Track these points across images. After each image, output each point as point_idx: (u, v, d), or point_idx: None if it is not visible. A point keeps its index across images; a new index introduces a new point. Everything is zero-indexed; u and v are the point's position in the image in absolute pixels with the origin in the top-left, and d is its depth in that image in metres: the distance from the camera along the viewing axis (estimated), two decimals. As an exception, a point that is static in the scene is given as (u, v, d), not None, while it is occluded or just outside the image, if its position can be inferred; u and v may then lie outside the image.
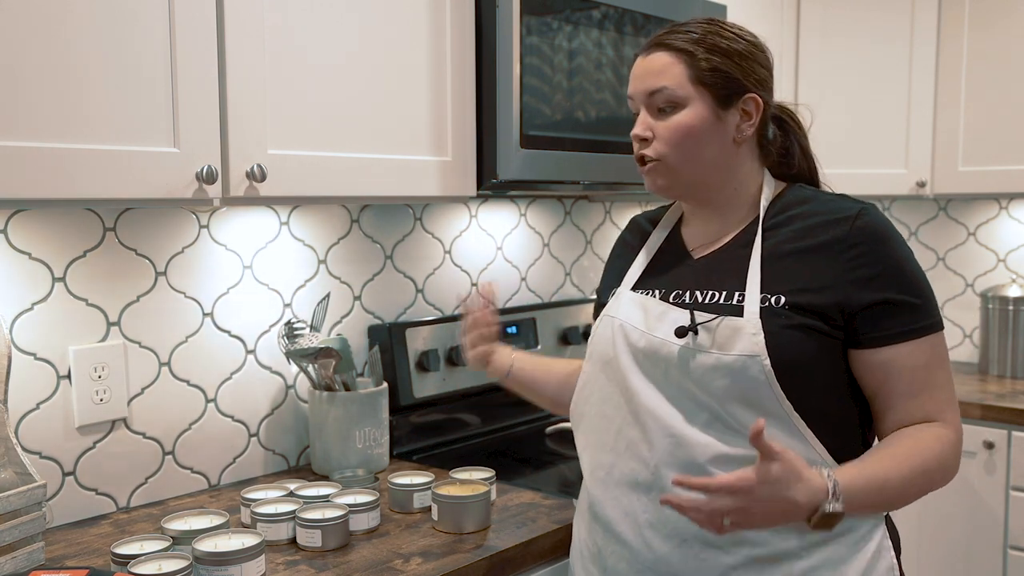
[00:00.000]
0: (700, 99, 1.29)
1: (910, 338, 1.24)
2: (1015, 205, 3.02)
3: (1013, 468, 2.50)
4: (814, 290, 1.24)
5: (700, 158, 1.31)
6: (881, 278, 1.23)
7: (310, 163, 1.55)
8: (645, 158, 1.33)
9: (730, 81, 1.29)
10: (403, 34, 1.68)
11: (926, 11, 2.78)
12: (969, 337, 3.12)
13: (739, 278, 1.28)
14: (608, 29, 1.93)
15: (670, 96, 1.29)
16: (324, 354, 1.82)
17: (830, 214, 1.28)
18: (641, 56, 1.34)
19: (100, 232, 1.66)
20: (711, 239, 1.37)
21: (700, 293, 1.31)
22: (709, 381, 1.23)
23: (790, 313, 1.23)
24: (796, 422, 1.23)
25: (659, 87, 1.30)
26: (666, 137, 1.30)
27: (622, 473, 1.31)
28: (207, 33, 1.41)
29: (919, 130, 2.81)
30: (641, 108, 1.33)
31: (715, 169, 1.32)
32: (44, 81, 1.24)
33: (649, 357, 1.30)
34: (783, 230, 1.30)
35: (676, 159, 1.31)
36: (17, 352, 1.56)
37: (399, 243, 2.14)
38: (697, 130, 1.29)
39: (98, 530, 1.59)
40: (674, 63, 1.29)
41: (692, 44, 1.29)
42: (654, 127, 1.31)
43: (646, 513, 1.28)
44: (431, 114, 1.74)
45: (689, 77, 1.29)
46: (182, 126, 1.38)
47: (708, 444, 1.23)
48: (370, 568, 1.41)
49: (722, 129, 1.30)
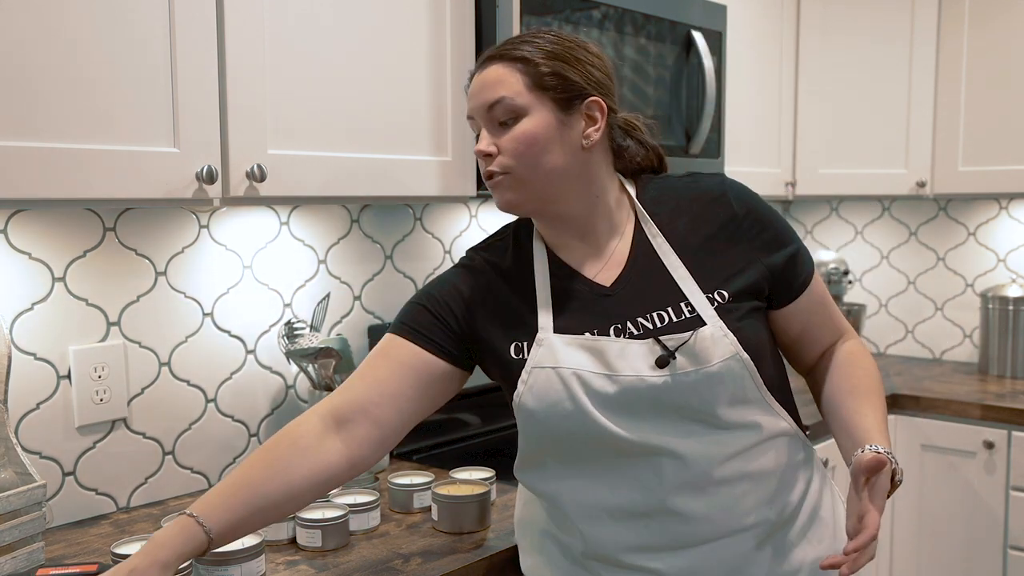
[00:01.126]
0: (541, 105, 1.23)
1: (811, 278, 1.35)
2: (1015, 205, 3.02)
3: (1013, 468, 2.50)
4: (740, 272, 1.27)
5: (549, 166, 1.23)
6: (776, 236, 1.30)
7: (310, 163, 1.55)
8: (493, 174, 1.25)
9: (569, 84, 1.24)
10: (403, 34, 1.68)
11: (926, 10, 2.78)
12: (969, 337, 3.12)
13: (672, 290, 1.26)
14: (608, 29, 1.93)
15: (509, 106, 1.22)
16: (324, 354, 1.82)
17: (704, 197, 1.30)
18: (476, 73, 1.27)
19: (100, 232, 1.66)
20: (598, 257, 1.30)
21: (644, 319, 1.25)
22: (699, 395, 1.23)
23: (736, 304, 1.26)
24: (769, 400, 1.28)
25: (497, 98, 1.23)
26: (511, 148, 1.23)
27: (619, 507, 1.26)
28: (207, 33, 1.41)
29: (919, 130, 2.81)
30: (481, 126, 1.27)
31: (567, 179, 1.25)
32: (44, 81, 1.24)
33: (623, 398, 1.22)
34: (674, 226, 1.29)
35: (524, 170, 1.23)
36: (17, 352, 1.56)
37: (399, 243, 2.14)
38: (542, 137, 1.22)
39: (98, 530, 1.59)
40: (510, 72, 1.23)
41: (527, 51, 1.24)
42: (498, 142, 1.24)
43: (655, 537, 1.26)
44: (431, 114, 1.74)
45: (526, 84, 1.22)
46: (182, 126, 1.38)
47: (710, 453, 1.24)
48: (370, 568, 1.41)
49: (568, 136, 1.24)
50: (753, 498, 1.26)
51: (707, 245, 1.28)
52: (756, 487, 1.27)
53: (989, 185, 2.73)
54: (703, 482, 1.24)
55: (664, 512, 1.25)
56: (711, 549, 1.26)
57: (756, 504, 1.27)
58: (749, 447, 1.26)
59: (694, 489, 1.24)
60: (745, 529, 1.26)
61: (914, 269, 3.19)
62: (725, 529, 1.25)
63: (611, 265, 1.30)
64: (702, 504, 1.24)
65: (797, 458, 1.33)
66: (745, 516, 1.26)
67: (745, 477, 1.26)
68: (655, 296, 1.26)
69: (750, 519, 1.26)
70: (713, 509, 1.25)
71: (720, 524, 1.25)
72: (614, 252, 1.30)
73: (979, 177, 2.74)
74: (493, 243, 1.39)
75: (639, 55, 2.00)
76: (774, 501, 1.29)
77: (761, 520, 1.27)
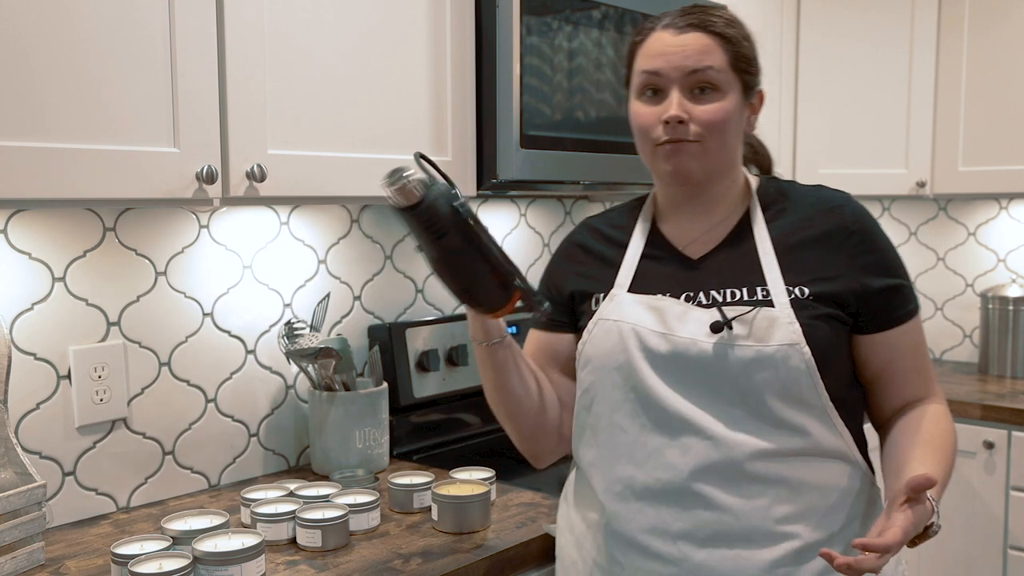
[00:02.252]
0: (734, 85, 1.27)
1: (909, 318, 1.30)
2: (1015, 205, 3.02)
3: (1013, 468, 2.50)
4: (830, 279, 1.25)
5: (729, 145, 1.29)
6: (883, 264, 1.28)
7: (310, 163, 1.55)
8: (679, 140, 1.26)
9: (754, 71, 1.30)
10: (403, 34, 1.68)
11: (926, 10, 2.78)
12: (969, 337, 3.12)
13: (755, 273, 1.27)
14: (608, 29, 1.93)
15: (713, 78, 1.25)
16: (324, 354, 1.82)
17: (819, 204, 1.31)
18: (672, 32, 1.27)
19: (100, 232, 1.66)
20: (698, 236, 1.34)
21: (716, 292, 1.27)
22: (749, 375, 1.21)
23: (815, 303, 1.24)
24: (831, 412, 1.24)
25: (705, 66, 1.25)
26: (706, 120, 1.25)
27: (645, 485, 1.25)
28: (207, 33, 1.41)
29: (919, 130, 2.81)
30: (673, 88, 1.26)
31: (730, 160, 1.31)
32: (44, 81, 1.24)
33: (674, 360, 1.24)
34: (780, 221, 1.30)
35: (713, 144, 1.26)
36: (17, 352, 1.56)
37: (399, 243, 2.14)
38: (733, 116, 1.27)
39: (98, 530, 1.59)
40: (716, 45, 1.26)
41: (729, 29, 1.27)
42: (690, 109, 1.25)
43: (678, 523, 1.23)
44: (431, 114, 1.74)
45: (728, 62, 1.26)
46: (182, 126, 1.38)
47: (745, 442, 1.21)
48: (370, 568, 1.41)
49: (740, 119, 1.30)
50: (789, 508, 1.22)
51: (806, 245, 1.28)
52: (794, 497, 1.22)
53: (989, 185, 2.73)
54: (731, 472, 1.21)
55: (687, 495, 1.22)
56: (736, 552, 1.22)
57: (793, 516, 1.22)
58: (793, 452, 1.22)
59: (720, 477, 1.21)
60: (775, 538, 1.22)
61: (914, 269, 3.19)
62: (752, 530, 1.21)
63: (706, 241, 1.33)
64: (728, 495, 1.21)
65: (853, 486, 1.27)
66: (777, 524, 1.21)
67: (782, 482, 1.22)
68: (735, 275, 1.28)
69: (782, 528, 1.21)
70: (739, 504, 1.21)
71: (746, 522, 1.21)
72: (714, 231, 1.33)
73: (979, 177, 2.74)
74: (609, 211, 1.47)
75: (639, 55, 2.00)
76: (817, 521, 1.23)
77: (795, 535, 1.22)
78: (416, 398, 2.07)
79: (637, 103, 1.31)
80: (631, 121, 1.33)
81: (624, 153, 1.98)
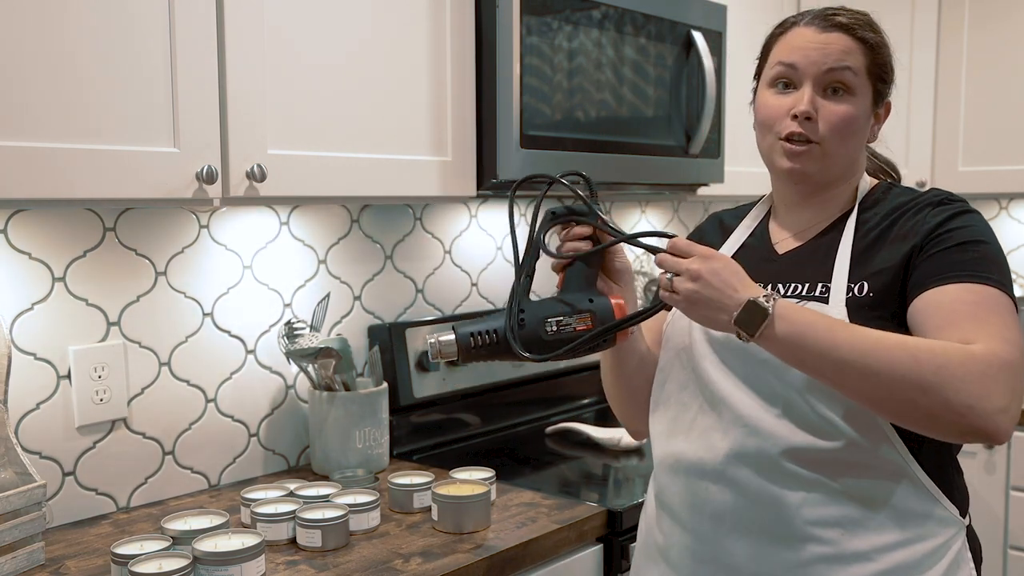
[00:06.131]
0: (866, 92, 1.28)
1: (955, 281, 1.15)
2: (1015, 205, 3.02)
3: (1013, 468, 2.50)
4: (891, 268, 1.20)
5: (850, 150, 1.28)
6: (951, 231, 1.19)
7: (310, 163, 1.55)
8: (803, 139, 1.25)
9: (887, 81, 1.31)
10: (403, 34, 1.68)
11: (926, 10, 2.78)
12: (969, 337, 3.12)
13: (823, 270, 1.26)
14: (608, 29, 1.93)
15: (849, 80, 1.25)
16: (324, 354, 1.82)
17: (912, 203, 1.26)
18: (815, 29, 1.27)
19: (100, 232, 1.66)
20: (796, 230, 1.34)
21: (782, 286, 1.28)
22: (788, 368, 1.18)
23: (872, 305, 1.19)
24: (878, 418, 1.16)
25: (844, 66, 1.25)
26: (831, 121, 1.25)
27: (691, 461, 1.28)
28: (207, 33, 1.41)
29: (919, 130, 2.81)
30: (807, 83, 1.26)
31: (849, 166, 1.30)
32: (44, 81, 1.24)
33: (727, 345, 1.26)
34: (870, 218, 1.28)
35: (833, 146, 1.26)
36: (17, 352, 1.56)
37: (399, 243, 2.14)
38: (860, 122, 1.27)
39: (98, 530, 1.59)
40: (858, 48, 1.27)
41: (870, 34, 1.28)
42: (820, 107, 1.25)
43: (711, 503, 1.26)
44: (431, 114, 1.74)
45: (865, 67, 1.27)
46: (182, 126, 1.38)
47: (781, 435, 1.20)
48: (370, 568, 1.41)
49: (866, 128, 1.30)
50: (824, 512, 1.19)
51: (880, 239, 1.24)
52: (831, 502, 1.19)
53: (989, 185, 2.73)
54: (765, 463, 1.21)
55: (722, 478, 1.24)
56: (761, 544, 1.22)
57: (827, 521, 1.19)
58: (834, 454, 1.18)
59: (754, 465, 1.21)
60: (804, 539, 1.20)
61: (914, 269, 3.19)
62: (778, 526, 1.20)
63: (798, 238, 1.33)
64: (759, 485, 1.21)
65: (911, 507, 1.19)
66: (808, 526, 1.19)
67: (820, 485, 1.19)
68: (806, 272, 1.28)
69: (813, 531, 1.19)
70: (769, 497, 1.20)
71: (774, 517, 1.21)
72: (810, 229, 1.32)
73: (979, 177, 2.74)
74: (741, 205, 1.48)
75: (639, 55, 2.00)
76: (858, 533, 1.19)
77: (828, 541, 1.19)
78: (416, 398, 2.07)
79: (766, 93, 1.31)
80: (755, 112, 1.33)
81: (624, 153, 1.98)
